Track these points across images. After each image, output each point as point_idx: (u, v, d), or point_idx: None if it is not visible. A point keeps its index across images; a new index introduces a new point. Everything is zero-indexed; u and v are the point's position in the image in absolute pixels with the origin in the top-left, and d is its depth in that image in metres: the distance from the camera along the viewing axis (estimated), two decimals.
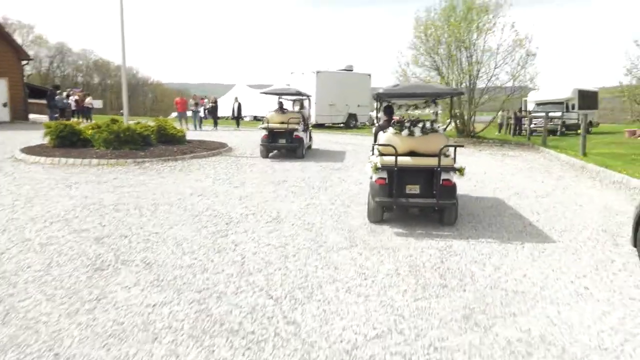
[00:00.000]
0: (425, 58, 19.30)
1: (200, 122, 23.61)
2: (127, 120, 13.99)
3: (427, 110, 8.96)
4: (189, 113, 23.28)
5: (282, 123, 13.51)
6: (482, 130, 21.05)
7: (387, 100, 8.73)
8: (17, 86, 24.15)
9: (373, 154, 7.42)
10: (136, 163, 11.74)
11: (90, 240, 5.74)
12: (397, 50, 19.71)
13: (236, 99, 25.28)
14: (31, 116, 26.26)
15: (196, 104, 23.19)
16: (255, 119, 41.40)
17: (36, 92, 30.52)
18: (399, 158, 6.50)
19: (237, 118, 24.59)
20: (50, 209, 7.26)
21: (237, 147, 15.69)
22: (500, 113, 27.47)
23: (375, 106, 8.87)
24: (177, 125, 23.43)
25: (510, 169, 12.32)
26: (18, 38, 72.74)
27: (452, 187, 6.64)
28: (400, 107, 9.34)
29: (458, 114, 19.76)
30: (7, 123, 22.99)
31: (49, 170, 10.63)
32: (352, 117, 27.17)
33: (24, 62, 24.90)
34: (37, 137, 14.53)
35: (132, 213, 7.08)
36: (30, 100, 30.05)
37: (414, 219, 6.98)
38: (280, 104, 15.08)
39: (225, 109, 30.88)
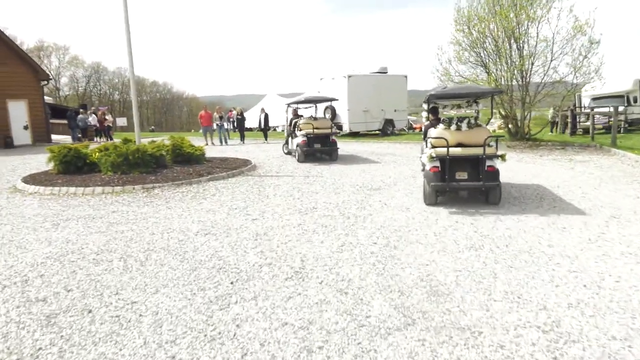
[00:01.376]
0: (470, 54, 17.23)
1: (227, 136, 22.14)
2: (140, 139, 12.56)
3: (467, 109, 9.90)
4: (215, 127, 21.87)
5: (317, 129, 14.32)
6: (539, 131, 18.72)
7: (432, 102, 9.40)
8: (37, 107, 23.30)
9: (426, 147, 8.44)
10: (145, 189, 10.22)
11: (39, 320, 4.10)
12: (436, 46, 17.83)
13: (262, 109, 23.66)
14: (54, 137, 25.45)
15: (221, 118, 21.73)
16: None
17: (60, 112, 29.89)
18: (450, 149, 7.67)
19: (265, 130, 22.98)
20: (16, 262, 5.72)
21: (262, 164, 14.03)
22: (552, 110, 25.06)
23: (424, 107, 9.53)
24: (202, 140, 22.12)
25: (587, 179, 10.17)
26: (54, 60, 74.44)
27: (496, 172, 7.70)
28: (445, 106, 10.10)
29: (509, 114, 17.57)
30: (28, 146, 22.16)
31: (44, 203, 9.22)
32: (388, 123, 25.18)
33: (43, 83, 24.05)
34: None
35: (114, 267, 5.45)
36: (55, 121, 29.43)
37: (485, 269, 5.07)
38: (295, 111, 16.45)
39: (254, 120, 29.45)
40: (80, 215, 8.12)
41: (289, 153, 16.29)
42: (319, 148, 14.37)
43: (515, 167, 12.13)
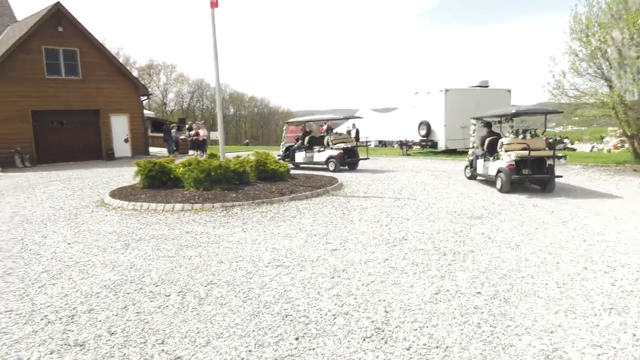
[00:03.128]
0: (588, 65, 15.21)
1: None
2: (224, 155, 12.17)
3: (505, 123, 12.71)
4: None
5: (344, 143, 16.89)
6: None
7: (482, 120, 13.21)
8: (137, 121, 24.26)
9: (488, 154, 12.24)
10: (224, 208, 9.69)
11: None
12: (548, 57, 15.98)
13: (354, 124, 22.89)
14: (153, 149, 26.42)
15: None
16: (381, 143, 38.96)
17: (161, 125, 31.16)
18: (523, 152, 10.79)
19: None
20: (72, 290, 5.24)
21: (349, 183, 13.12)
22: None
23: (472, 122, 13.71)
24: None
25: None
26: (162, 77, 79.50)
27: (552, 168, 10.94)
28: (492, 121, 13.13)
29: (637, 134, 15.24)
30: (127, 158, 23.04)
31: (124, 220, 8.96)
32: None
33: (143, 98, 25.07)
34: None
35: (169, 304, 4.75)
36: (155, 134, 30.72)
37: None
38: (303, 128, 18.79)
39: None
40: (153, 235, 7.67)
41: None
42: (349, 160, 16.65)
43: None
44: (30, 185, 14.45)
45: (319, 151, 17.10)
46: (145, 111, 25.66)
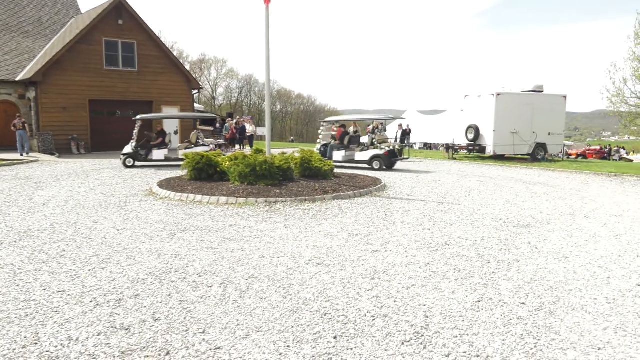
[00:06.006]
0: None
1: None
2: (270, 151, 12.31)
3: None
4: None
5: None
6: None
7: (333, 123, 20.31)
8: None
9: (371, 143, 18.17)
10: (267, 203, 9.81)
11: (112, 357, 3.57)
12: (609, 63, 15.35)
13: (400, 125, 22.66)
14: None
15: (355, 132, 21.15)
16: (426, 146, 38.50)
17: (210, 120, 31.83)
18: (398, 143, 20.92)
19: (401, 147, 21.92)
20: (120, 275, 5.43)
21: (393, 184, 13.01)
22: None
23: (323, 125, 19.47)
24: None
25: None
26: (213, 71, 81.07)
27: (399, 155, 18.57)
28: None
29: None
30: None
31: (170, 210, 9.21)
32: (540, 147, 22.58)
33: (194, 92, 25.70)
34: None
35: (211, 295, 4.86)
36: (203, 128, 31.41)
37: None
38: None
39: (390, 136, 28.50)
40: (198, 227, 7.85)
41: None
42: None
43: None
44: (85, 172, 15.08)
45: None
46: (195, 105, 26.23)
